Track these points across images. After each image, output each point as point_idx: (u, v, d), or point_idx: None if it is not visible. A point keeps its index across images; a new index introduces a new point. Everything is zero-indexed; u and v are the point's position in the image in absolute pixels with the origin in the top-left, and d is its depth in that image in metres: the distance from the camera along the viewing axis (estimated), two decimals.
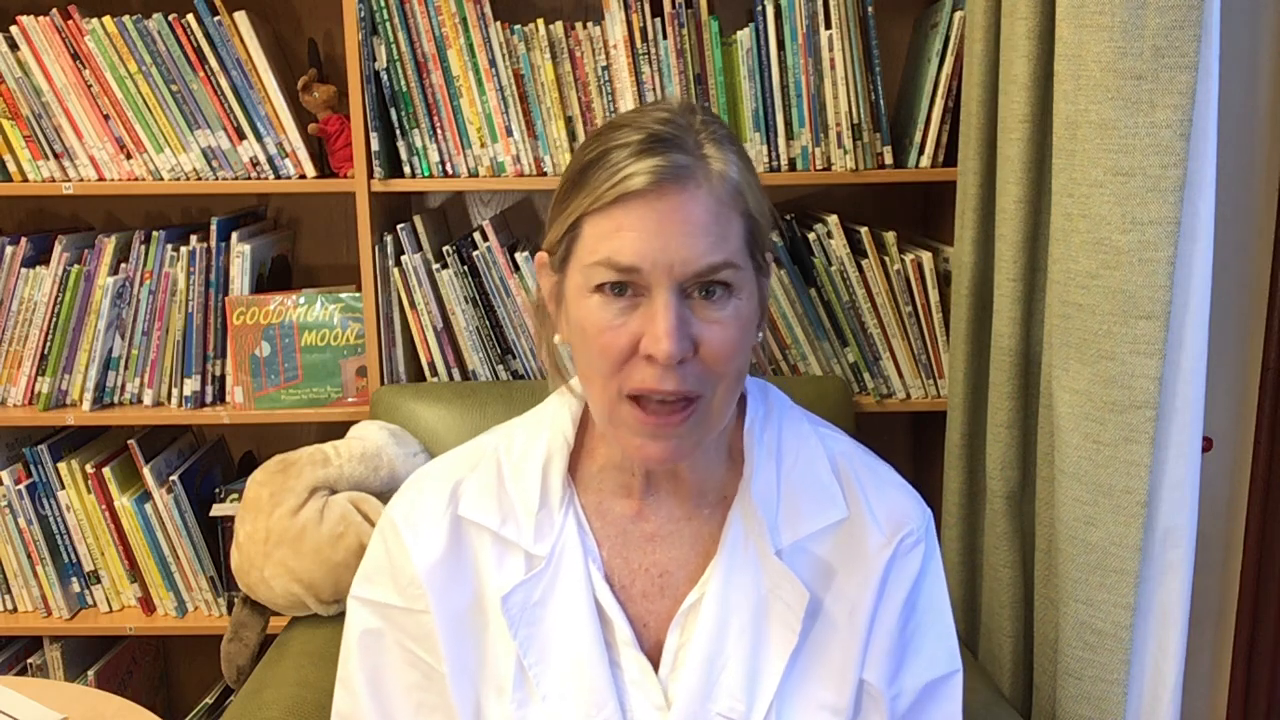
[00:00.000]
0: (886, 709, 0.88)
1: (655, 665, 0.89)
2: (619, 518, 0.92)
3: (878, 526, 0.90)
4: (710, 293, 0.79)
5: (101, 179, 1.70)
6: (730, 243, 0.80)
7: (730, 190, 0.80)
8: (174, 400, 1.75)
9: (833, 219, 1.67)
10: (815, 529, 0.90)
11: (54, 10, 1.63)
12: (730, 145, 0.83)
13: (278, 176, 1.70)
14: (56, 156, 1.69)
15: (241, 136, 1.68)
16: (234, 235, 1.73)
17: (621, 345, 0.79)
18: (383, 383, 1.72)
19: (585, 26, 1.64)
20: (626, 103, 1.64)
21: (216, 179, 1.70)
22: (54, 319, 1.71)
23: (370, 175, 1.66)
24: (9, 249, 1.71)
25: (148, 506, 1.76)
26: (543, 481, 0.90)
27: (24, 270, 1.71)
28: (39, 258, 1.73)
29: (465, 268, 1.69)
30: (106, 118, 1.67)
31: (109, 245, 1.70)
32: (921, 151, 1.66)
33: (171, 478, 1.76)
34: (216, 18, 1.63)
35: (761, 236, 0.84)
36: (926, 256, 1.67)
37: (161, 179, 1.70)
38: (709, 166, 0.80)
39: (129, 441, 1.78)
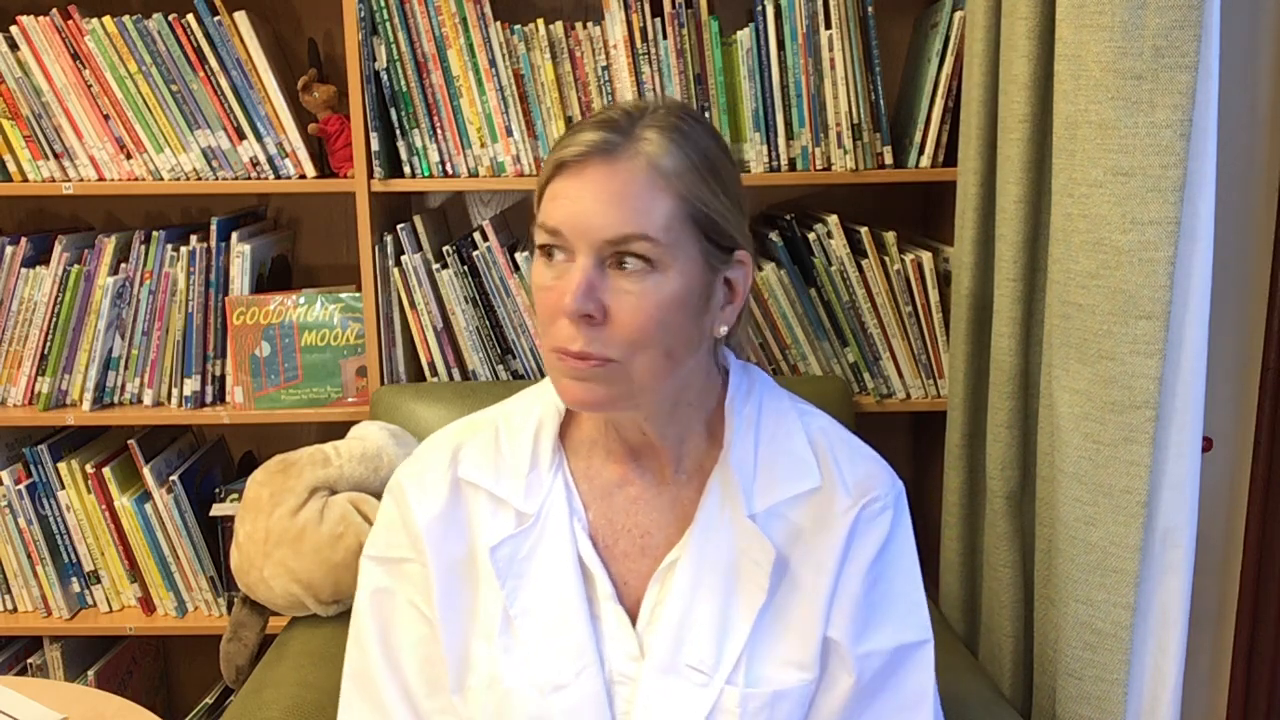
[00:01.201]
0: (854, 667, 0.92)
1: (634, 620, 0.94)
2: (605, 482, 0.98)
3: (846, 491, 0.95)
4: (624, 263, 0.85)
5: (101, 179, 1.70)
6: (651, 219, 0.84)
7: (657, 172, 0.85)
8: (174, 400, 1.75)
9: (833, 219, 1.67)
10: (788, 496, 0.94)
11: (54, 10, 1.63)
12: (680, 137, 0.87)
13: (278, 176, 1.70)
14: (56, 156, 1.69)
15: (241, 136, 1.68)
16: (234, 235, 1.73)
17: (551, 303, 0.86)
18: (383, 383, 1.72)
19: (585, 26, 1.64)
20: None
21: (216, 179, 1.70)
22: (54, 319, 1.71)
23: (370, 175, 1.66)
24: (9, 249, 1.71)
25: (148, 506, 1.76)
26: (534, 445, 0.97)
27: (24, 270, 1.71)
28: (39, 258, 1.73)
29: (465, 268, 1.69)
30: (106, 118, 1.67)
31: (109, 245, 1.70)
32: (921, 151, 1.66)
33: (171, 478, 1.76)
34: (216, 18, 1.63)
35: (717, 224, 0.88)
36: (926, 256, 1.67)
37: (161, 179, 1.70)
38: (638, 147, 0.86)
39: (129, 441, 1.78)
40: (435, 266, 1.69)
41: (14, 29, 1.65)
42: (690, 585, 0.93)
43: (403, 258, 1.69)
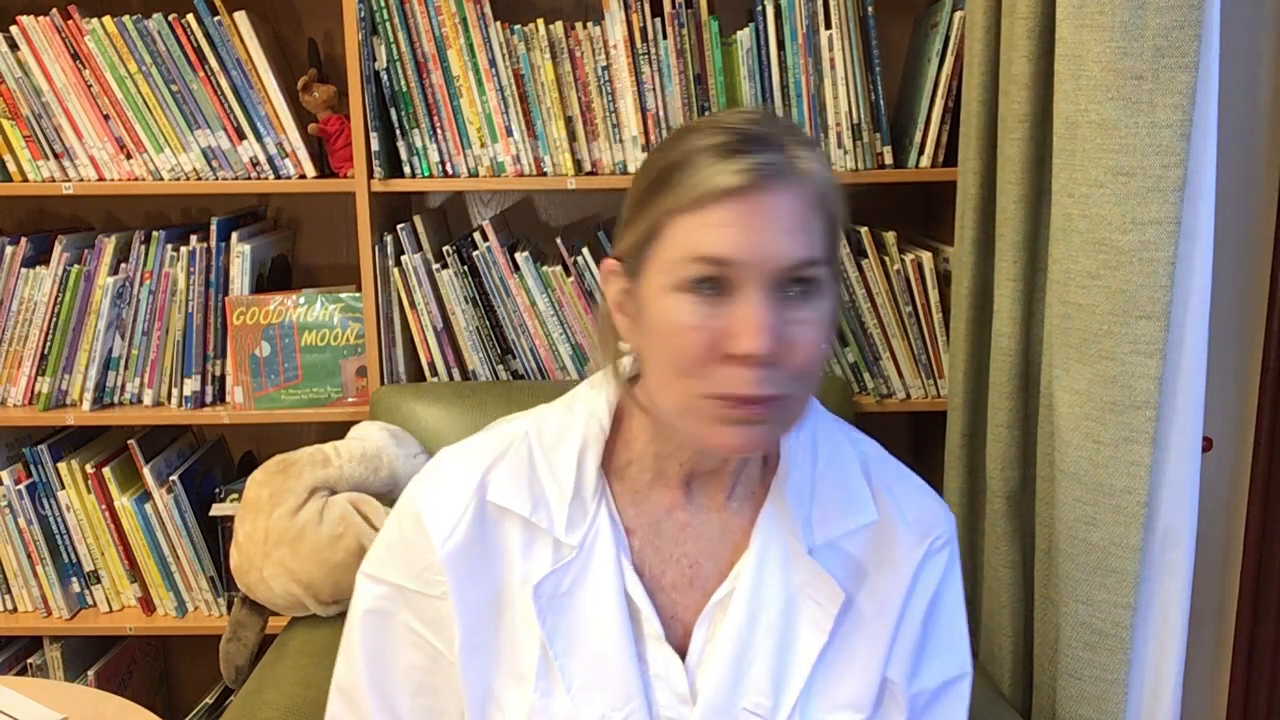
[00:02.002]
0: (906, 707, 0.89)
1: (682, 657, 0.89)
2: (653, 507, 0.91)
3: (908, 529, 0.91)
4: (797, 293, 0.79)
5: (101, 179, 1.70)
6: (817, 241, 0.80)
7: (818, 189, 0.81)
8: (174, 400, 1.75)
9: None
10: (847, 530, 0.91)
11: (54, 10, 1.63)
12: (812, 146, 0.83)
13: (278, 176, 1.70)
14: (56, 156, 1.69)
15: (241, 136, 1.68)
16: (234, 235, 1.73)
17: (705, 345, 0.78)
18: (383, 383, 1.72)
19: (585, 26, 1.64)
20: (627, 103, 1.64)
21: (216, 179, 1.70)
22: (54, 319, 1.71)
23: (370, 175, 1.66)
24: (9, 249, 1.71)
25: (148, 506, 1.76)
26: (578, 470, 0.89)
27: (24, 270, 1.71)
28: (39, 258, 1.73)
29: (465, 268, 1.69)
30: (106, 118, 1.67)
31: (109, 245, 1.70)
32: (921, 151, 1.66)
33: (171, 478, 1.76)
34: (216, 18, 1.63)
35: (837, 241, 0.85)
36: (926, 256, 1.67)
37: (161, 179, 1.70)
38: (797, 165, 0.80)
39: (129, 441, 1.78)
40: (435, 266, 1.69)
41: (14, 29, 1.65)
42: (745, 622, 0.88)
43: (403, 258, 1.69)
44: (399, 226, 1.69)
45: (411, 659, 0.90)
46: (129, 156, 1.69)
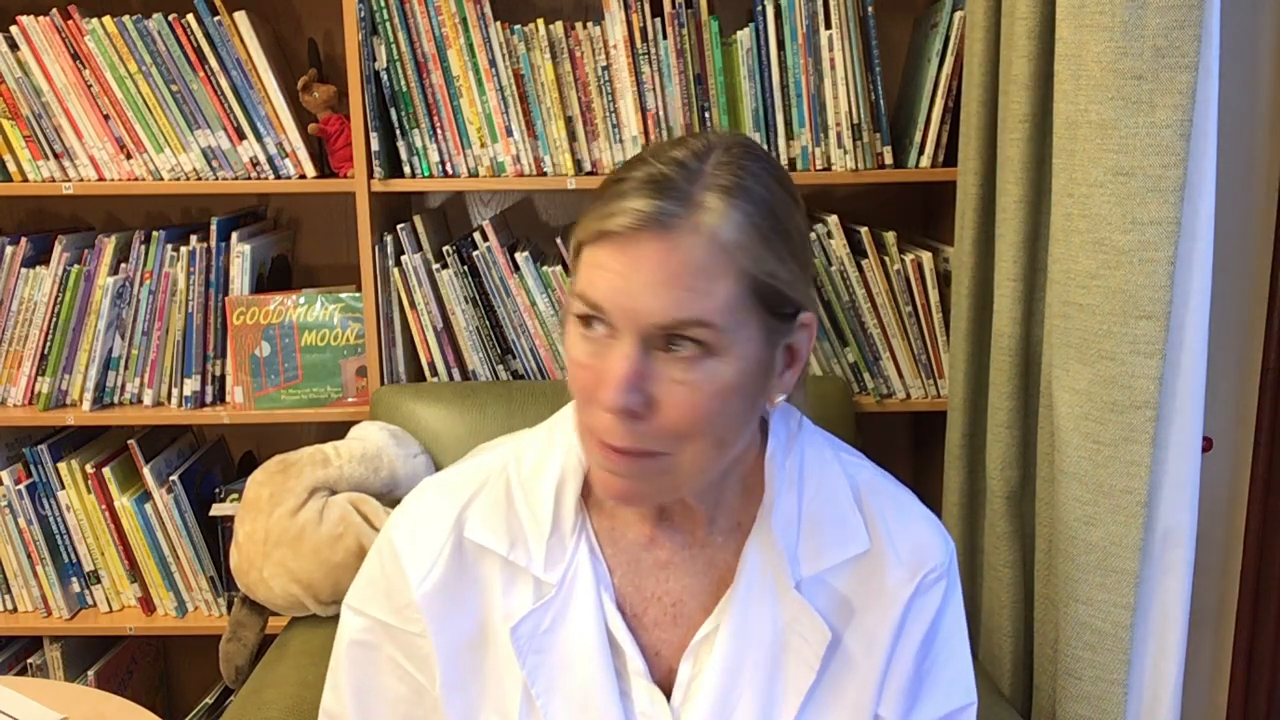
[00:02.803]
0: None
1: (666, 695, 0.87)
2: (631, 544, 0.89)
3: (899, 561, 0.88)
4: (674, 347, 0.74)
5: (101, 179, 1.70)
6: (711, 300, 0.73)
7: (719, 247, 0.74)
8: (174, 400, 1.75)
9: (833, 219, 1.67)
10: (836, 562, 0.87)
11: (54, 10, 1.63)
12: (741, 196, 0.75)
13: (278, 176, 1.70)
14: (56, 156, 1.69)
15: (241, 136, 1.68)
16: (234, 235, 1.73)
17: (589, 382, 0.77)
18: (383, 383, 1.72)
19: (585, 26, 1.64)
20: (626, 103, 1.64)
21: (216, 179, 1.70)
22: (54, 319, 1.71)
23: (370, 175, 1.66)
24: (9, 249, 1.71)
25: (148, 506, 1.76)
26: (555, 505, 0.87)
27: (24, 270, 1.71)
28: (39, 258, 1.73)
29: (465, 268, 1.69)
30: (106, 118, 1.67)
31: (109, 245, 1.70)
32: (921, 151, 1.66)
33: (171, 478, 1.76)
34: (216, 18, 1.63)
35: (778, 292, 0.77)
36: (926, 256, 1.67)
37: (161, 179, 1.70)
38: (698, 219, 0.74)
39: (129, 441, 1.78)
40: (435, 266, 1.69)
41: (14, 29, 1.64)
42: (731, 659, 0.85)
43: (403, 258, 1.69)
44: (399, 226, 1.69)
45: (397, 690, 0.89)
46: (129, 156, 1.69)
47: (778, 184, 0.79)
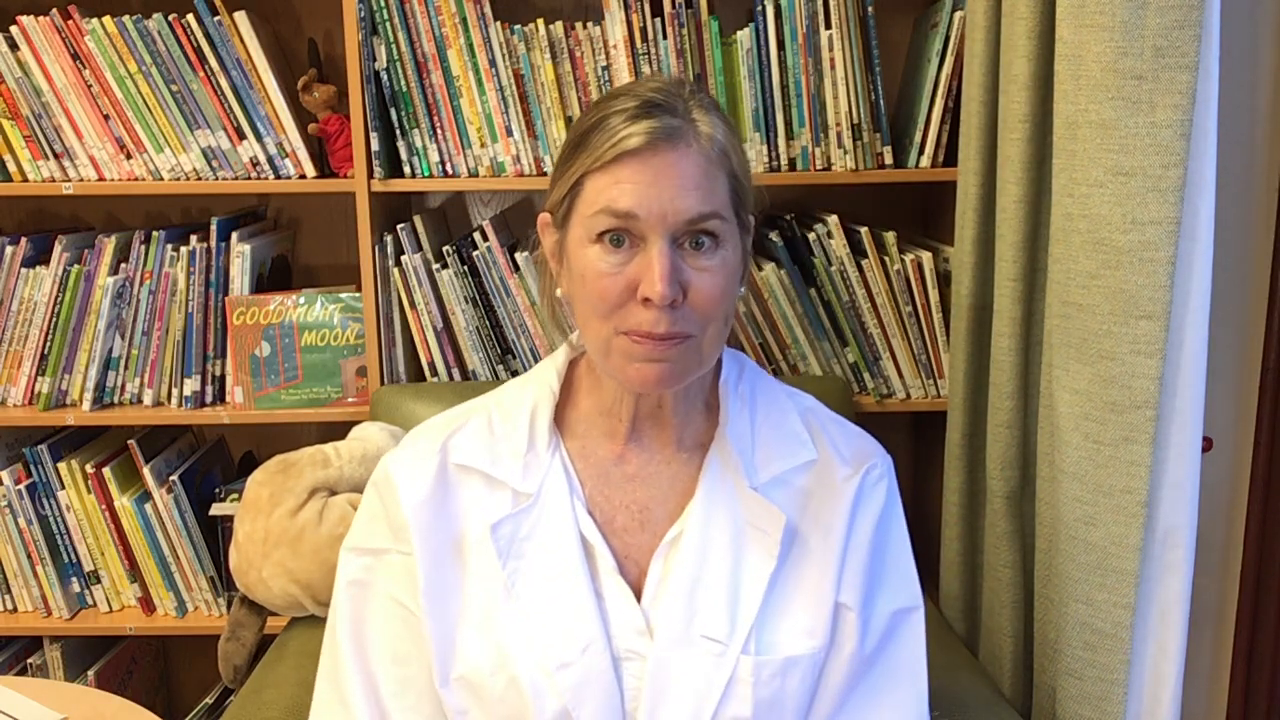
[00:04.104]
0: (858, 632, 0.93)
1: (638, 597, 0.94)
2: (601, 460, 0.98)
3: (844, 462, 0.98)
4: (699, 243, 0.88)
5: (101, 179, 1.70)
6: (717, 196, 0.89)
7: (717, 150, 0.89)
8: (174, 400, 1.75)
9: (833, 219, 1.67)
10: (788, 467, 0.97)
11: (54, 10, 1.63)
12: (716, 112, 0.92)
13: (278, 176, 1.70)
14: (56, 156, 1.69)
15: (241, 136, 1.68)
16: (234, 235, 1.73)
17: (619, 288, 0.87)
18: (383, 383, 1.72)
19: (585, 26, 1.64)
20: None
21: (216, 179, 1.70)
22: (54, 319, 1.71)
23: (370, 175, 1.66)
24: (9, 249, 1.71)
25: (148, 506, 1.76)
26: (530, 427, 0.97)
27: (24, 270, 1.71)
28: (39, 258, 1.73)
29: (465, 268, 1.69)
30: (106, 118, 1.67)
31: (109, 245, 1.70)
32: (921, 151, 1.66)
33: (171, 478, 1.76)
34: (216, 18, 1.63)
35: (745, 195, 0.93)
36: (926, 256, 1.67)
37: (161, 179, 1.70)
38: (697, 128, 0.89)
39: (129, 441, 1.78)
40: (435, 266, 1.69)
41: (14, 29, 1.64)
42: (697, 557, 0.93)
43: (403, 258, 1.69)
44: (399, 226, 1.69)
45: (390, 628, 0.95)
46: (129, 156, 1.69)
47: (718, 105, 0.96)
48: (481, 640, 0.92)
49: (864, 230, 1.67)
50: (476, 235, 1.70)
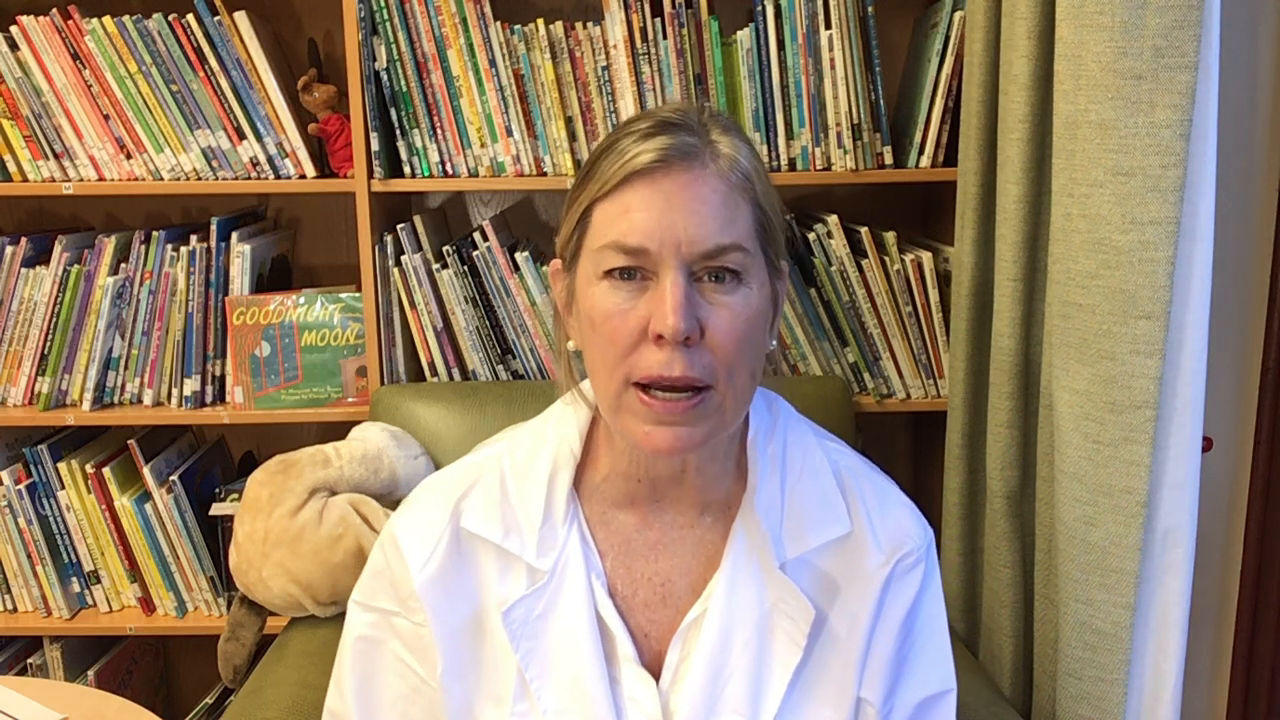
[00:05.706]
0: None
1: (656, 677, 0.88)
2: (623, 526, 0.91)
3: (877, 544, 0.90)
4: (719, 277, 0.79)
5: (101, 179, 1.70)
6: (739, 226, 0.79)
7: (739, 174, 0.81)
8: (174, 400, 1.75)
9: (833, 219, 1.67)
10: (819, 543, 0.89)
11: (54, 10, 1.63)
12: (738, 134, 0.84)
13: (278, 176, 1.70)
14: (56, 156, 1.69)
15: (241, 136, 1.68)
16: (234, 235, 1.73)
17: (629, 330, 0.79)
18: (383, 383, 1.72)
19: (585, 26, 1.64)
20: (627, 103, 1.64)
21: (216, 179, 1.70)
22: (54, 319, 1.71)
23: (370, 175, 1.66)
24: (9, 249, 1.71)
25: (148, 506, 1.76)
26: (547, 495, 0.89)
27: (24, 270, 1.71)
28: (39, 258, 1.73)
29: (465, 268, 1.69)
30: (106, 118, 1.67)
31: (109, 245, 1.70)
32: (921, 151, 1.66)
33: (171, 478, 1.76)
34: (216, 18, 1.63)
35: (773, 232, 0.84)
36: (926, 256, 1.67)
37: (161, 179, 1.70)
38: (716, 149, 0.81)
39: (129, 441, 1.78)
40: (435, 266, 1.69)
41: (14, 29, 1.65)
42: (719, 641, 0.87)
43: (403, 258, 1.69)
44: (399, 226, 1.69)
45: (398, 688, 0.91)
46: (129, 156, 1.69)
47: (742, 130, 0.87)
48: (497, 718, 0.88)
49: (864, 230, 1.67)
50: (476, 235, 1.70)
